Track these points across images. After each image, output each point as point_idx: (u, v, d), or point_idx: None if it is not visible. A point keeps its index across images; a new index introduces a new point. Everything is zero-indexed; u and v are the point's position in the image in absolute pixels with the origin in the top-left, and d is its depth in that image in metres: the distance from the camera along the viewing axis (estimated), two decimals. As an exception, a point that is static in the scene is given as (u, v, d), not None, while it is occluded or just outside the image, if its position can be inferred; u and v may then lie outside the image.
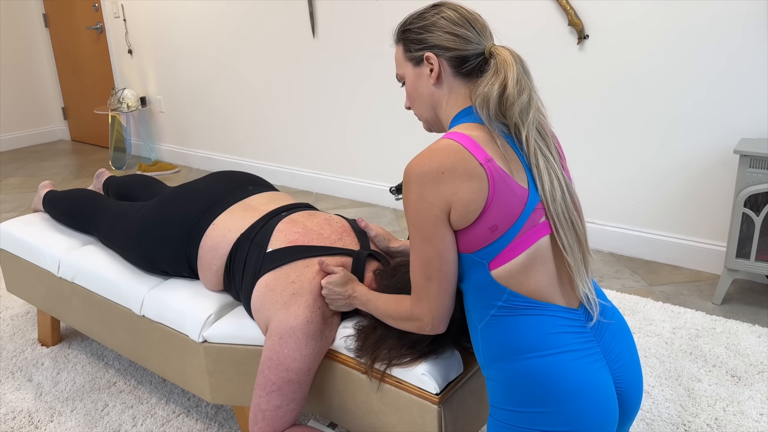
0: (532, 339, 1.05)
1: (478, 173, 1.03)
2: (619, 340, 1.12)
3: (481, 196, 1.03)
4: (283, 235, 1.49)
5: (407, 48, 1.18)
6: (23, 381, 2.04)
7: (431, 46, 1.14)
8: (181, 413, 1.85)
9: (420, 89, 1.18)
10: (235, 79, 4.10)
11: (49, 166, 4.78)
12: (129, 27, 4.65)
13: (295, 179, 4.01)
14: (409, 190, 1.06)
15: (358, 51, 3.42)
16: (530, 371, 1.04)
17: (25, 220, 2.18)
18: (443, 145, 1.06)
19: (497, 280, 1.06)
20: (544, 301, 1.07)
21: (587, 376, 1.04)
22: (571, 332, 1.06)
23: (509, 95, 1.06)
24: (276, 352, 1.34)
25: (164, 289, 1.67)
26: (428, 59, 1.14)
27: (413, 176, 1.06)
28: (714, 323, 2.21)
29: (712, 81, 2.41)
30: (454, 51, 1.13)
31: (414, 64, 1.18)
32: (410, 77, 1.19)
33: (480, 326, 1.11)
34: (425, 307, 1.12)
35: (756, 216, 2.19)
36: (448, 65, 1.14)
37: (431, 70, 1.15)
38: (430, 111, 1.20)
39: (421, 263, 1.09)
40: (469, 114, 1.13)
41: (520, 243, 1.05)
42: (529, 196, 1.06)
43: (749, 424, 1.71)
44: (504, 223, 1.04)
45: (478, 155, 1.04)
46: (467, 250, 1.07)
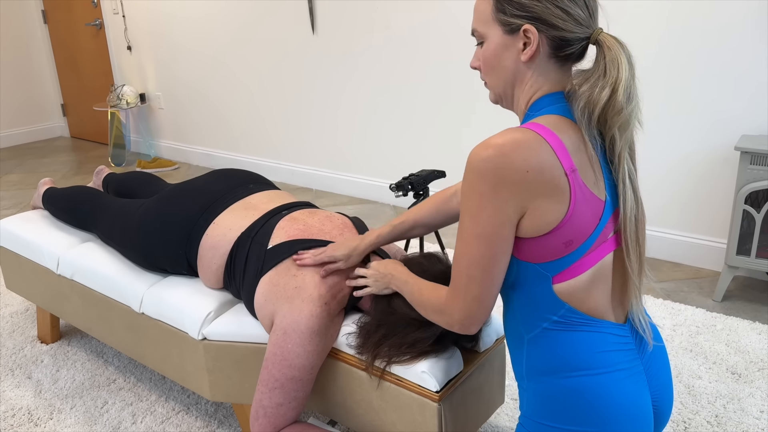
0: (585, 356, 0.98)
1: (562, 184, 0.92)
2: (657, 356, 1.08)
3: (560, 209, 0.92)
4: (283, 232, 1.49)
5: (500, 7, 0.97)
6: (23, 378, 2.03)
7: (534, 18, 0.95)
8: (180, 410, 1.85)
9: (504, 62, 1.00)
10: (235, 76, 4.09)
11: (49, 163, 4.78)
12: (128, 23, 4.64)
13: (294, 176, 4.00)
14: (481, 178, 0.91)
15: (358, 47, 3.41)
16: (579, 389, 0.98)
17: (24, 217, 2.17)
18: (530, 138, 0.91)
19: (558, 294, 0.97)
20: (598, 318, 1.00)
21: (632, 398, 0.99)
22: (620, 350, 1.00)
23: (616, 103, 0.92)
24: (280, 348, 1.34)
25: (163, 287, 1.67)
26: (526, 32, 0.96)
27: (491, 165, 0.90)
28: (714, 320, 2.21)
29: (712, 78, 2.41)
30: (560, 31, 0.95)
31: (505, 31, 0.98)
32: (494, 44, 1.00)
33: (528, 337, 1.03)
34: (459, 306, 1.01)
35: (756, 213, 2.18)
36: (548, 45, 0.96)
37: (525, 45, 0.97)
38: (507, 87, 1.03)
39: (469, 260, 0.96)
40: (556, 102, 0.99)
41: (588, 259, 0.97)
42: (604, 210, 0.97)
43: (749, 421, 1.71)
44: (578, 238, 0.94)
45: (565, 162, 0.92)
46: (533, 259, 0.96)
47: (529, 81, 1.00)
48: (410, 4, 3.14)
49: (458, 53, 3.07)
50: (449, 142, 3.25)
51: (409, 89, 3.30)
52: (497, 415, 1.77)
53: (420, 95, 3.27)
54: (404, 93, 3.33)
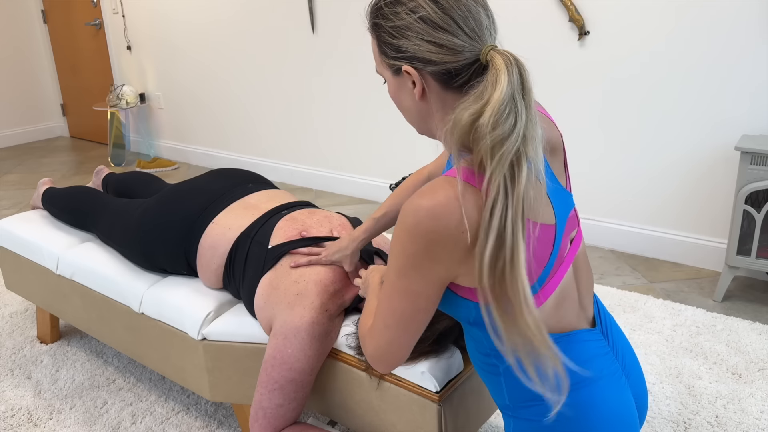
0: (567, 371, 0.93)
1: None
2: (627, 353, 1.05)
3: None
4: (282, 232, 1.49)
5: (382, 50, 0.92)
6: (22, 378, 2.03)
7: (408, 57, 0.88)
8: (180, 411, 1.84)
9: (404, 102, 0.95)
10: (234, 76, 4.09)
11: (48, 163, 4.77)
12: (128, 23, 4.63)
13: (294, 176, 4.00)
14: (412, 240, 0.84)
15: (358, 47, 3.40)
16: (569, 405, 0.93)
17: (24, 217, 2.17)
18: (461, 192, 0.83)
19: None
20: (571, 331, 0.96)
21: (619, 402, 0.96)
22: (599, 355, 0.97)
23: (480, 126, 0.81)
24: (280, 352, 1.33)
25: (163, 287, 1.66)
26: (407, 72, 0.89)
27: (422, 228, 0.83)
28: (714, 320, 2.21)
29: (713, 77, 2.40)
30: (438, 65, 0.87)
31: (393, 73, 0.93)
32: (391, 85, 0.96)
33: (503, 367, 0.97)
34: (372, 344, 0.97)
35: (757, 213, 2.18)
36: (433, 80, 0.89)
37: (413, 83, 0.91)
38: (420, 122, 0.97)
39: (387, 310, 0.92)
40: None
41: (549, 286, 0.91)
42: (556, 232, 0.91)
43: (750, 421, 1.71)
44: (533, 273, 0.88)
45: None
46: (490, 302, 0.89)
47: (436, 115, 0.93)
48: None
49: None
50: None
51: (409, 89, 3.29)
52: (497, 415, 1.76)
53: (420, 95, 3.27)
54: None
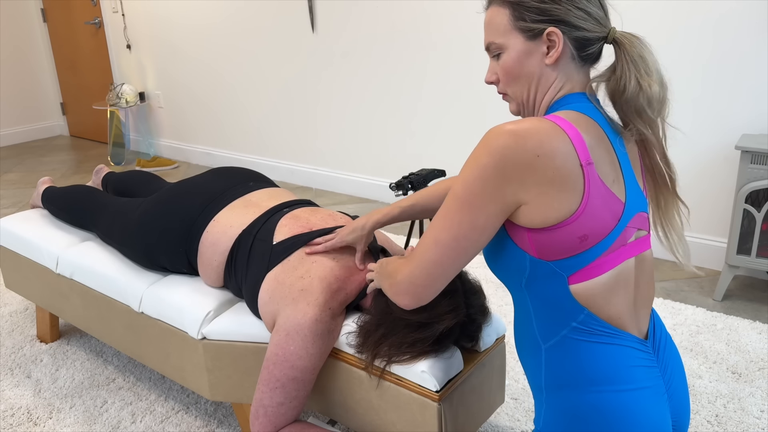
0: (609, 370, 0.94)
1: (575, 175, 0.89)
2: (677, 374, 1.05)
3: (572, 200, 0.89)
4: (286, 229, 1.49)
5: (519, 15, 0.97)
6: (22, 377, 2.03)
7: (557, 20, 0.95)
8: (180, 410, 1.84)
9: (528, 68, 0.99)
10: (234, 75, 4.09)
11: (48, 162, 4.77)
12: (127, 22, 4.63)
13: (294, 175, 4.00)
14: (488, 152, 0.88)
15: (358, 46, 3.40)
16: (603, 405, 0.93)
17: (23, 216, 2.17)
18: (547, 126, 0.89)
19: (576, 297, 0.93)
20: (621, 329, 0.96)
21: (655, 418, 0.95)
22: (644, 366, 0.97)
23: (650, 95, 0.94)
24: (282, 349, 1.33)
25: (163, 286, 1.66)
26: (550, 36, 0.95)
27: (500, 141, 0.88)
28: (714, 320, 2.21)
29: (713, 77, 2.40)
30: (582, 31, 0.95)
31: (527, 37, 0.97)
32: (516, 51, 0.98)
33: (546, 346, 0.98)
34: (409, 267, 0.99)
35: (757, 212, 2.18)
36: (571, 46, 0.97)
37: (548, 48, 0.96)
38: (531, 92, 1.01)
39: (444, 224, 0.93)
40: (578, 101, 0.98)
41: (607, 260, 0.93)
42: (624, 211, 0.94)
43: (750, 420, 1.71)
44: (595, 235, 0.91)
45: (582, 154, 0.90)
46: (547, 256, 0.92)
47: (554, 83, 0.99)
48: (412, 3, 3.13)
49: (459, 52, 3.06)
50: (449, 141, 3.25)
51: (410, 88, 3.29)
52: (497, 414, 1.76)
53: (420, 94, 3.27)
54: (404, 92, 3.32)
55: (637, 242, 0.98)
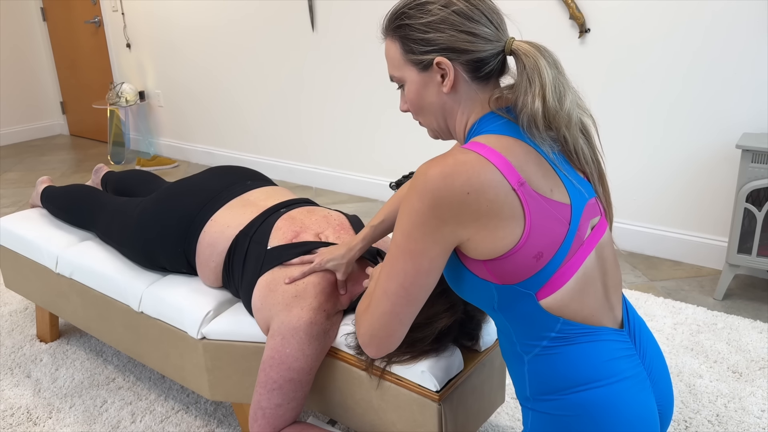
0: (590, 369, 0.95)
1: (510, 201, 0.89)
2: (656, 358, 1.05)
3: (515, 225, 0.89)
4: (281, 232, 1.48)
5: (408, 48, 0.98)
6: (22, 377, 2.03)
7: (442, 49, 0.95)
8: (180, 410, 1.84)
9: (428, 98, 1.00)
10: (234, 73, 4.08)
11: (48, 161, 4.77)
12: (127, 21, 4.62)
13: (293, 174, 3.99)
14: (419, 197, 0.89)
15: (358, 44, 3.40)
16: (587, 403, 0.94)
17: (23, 215, 2.16)
18: (471, 159, 0.89)
19: (548, 310, 0.93)
20: (597, 325, 0.96)
21: (640, 406, 0.96)
22: (624, 356, 0.97)
23: (549, 107, 0.92)
24: (278, 352, 1.33)
25: (162, 286, 1.66)
26: (439, 65, 0.96)
27: (430, 186, 0.88)
28: (715, 319, 2.21)
29: (714, 75, 2.40)
30: (471, 54, 0.94)
31: (419, 69, 0.98)
32: (413, 84, 1.00)
33: (527, 358, 0.98)
34: (366, 321, 0.99)
35: (758, 211, 2.18)
36: (463, 70, 0.96)
37: (443, 77, 0.97)
38: (440, 121, 1.02)
39: (389, 274, 0.94)
40: (491, 122, 0.97)
41: (569, 266, 0.93)
42: (573, 212, 0.94)
43: (750, 420, 1.71)
44: (549, 248, 0.91)
45: (511, 178, 0.89)
46: (508, 281, 0.92)
47: (459, 110, 1.00)
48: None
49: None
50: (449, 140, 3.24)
51: (409, 87, 3.29)
52: (497, 414, 1.76)
53: (420, 93, 3.26)
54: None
55: (593, 234, 0.98)
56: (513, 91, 0.97)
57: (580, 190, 0.98)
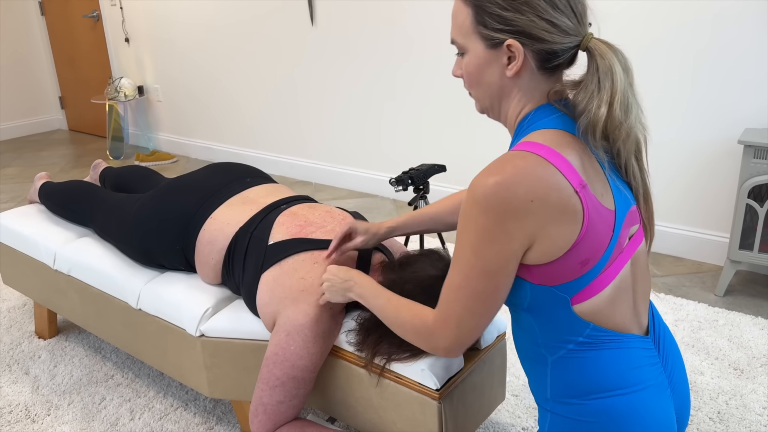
0: (615, 376, 0.93)
1: (573, 204, 0.85)
2: (677, 365, 1.04)
3: (573, 230, 0.86)
4: (284, 228, 1.47)
5: (480, 19, 0.90)
6: (20, 374, 2.02)
7: (518, 32, 0.88)
8: (179, 407, 1.83)
9: (488, 77, 0.94)
10: (233, 68, 4.06)
11: (47, 156, 4.75)
12: (126, 15, 4.60)
13: (294, 169, 3.98)
14: (483, 213, 0.85)
15: (358, 39, 3.38)
16: (610, 411, 0.93)
17: (21, 211, 2.15)
18: (533, 163, 0.85)
19: (581, 315, 0.92)
20: (625, 333, 0.95)
21: (660, 414, 0.95)
22: (648, 365, 0.96)
23: (614, 117, 0.87)
24: (282, 349, 1.32)
25: (161, 283, 1.65)
26: (510, 48, 0.90)
27: (493, 200, 0.84)
28: (716, 315, 2.20)
29: (716, 71, 2.38)
30: (546, 44, 0.89)
31: (487, 45, 0.92)
32: (476, 58, 0.94)
33: (551, 359, 0.97)
34: (450, 335, 0.96)
35: (760, 207, 2.17)
36: (532, 58, 0.91)
37: (509, 59, 0.91)
38: (494, 101, 0.98)
39: (469, 293, 0.91)
40: (548, 115, 0.93)
41: (607, 274, 0.91)
42: (616, 219, 0.91)
43: (752, 417, 1.70)
44: (595, 255, 0.89)
45: (573, 180, 0.86)
46: (547, 282, 0.90)
47: (517, 96, 0.95)
48: (410, -4, 3.11)
49: (459, 45, 3.04)
50: (450, 136, 3.23)
51: (410, 82, 3.27)
52: (498, 411, 1.75)
53: (420, 88, 3.25)
54: (404, 86, 3.30)
55: (631, 242, 0.96)
56: (577, 90, 0.92)
57: (625, 196, 0.95)
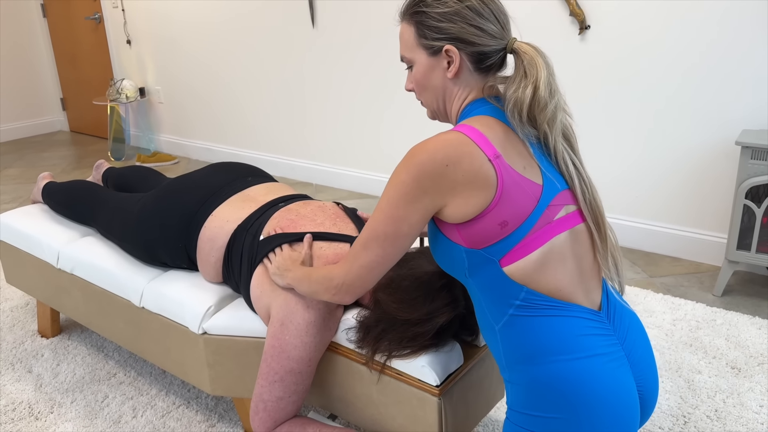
0: (558, 341, 1.00)
1: (485, 171, 0.99)
2: (639, 342, 1.09)
3: (486, 194, 0.99)
4: (275, 222, 1.50)
5: (422, 33, 1.08)
6: (23, 372, 2.04)
7: (452, 38, 1.05)
8: (181, 404, 1.85)
9: (433, 81, 1.11)
10: (234, 70, 4.08)
11: (48, 157, 4.77)
12: (127, 17, 4.62)
13: (294, 170, 4.00)
14: (405, 170, 1.01)
15: (358, 40, 3.39)
16: (557, 375, 1.00)
17: (24, 211, 2.17)
18: (453, 137, 1.01)
19: (512, 277, 1.01)
20: (566, 301, 1.03)
21: (615, 382, 1.00)
22: (597, 334, 1.02)
23: (540, 99, 1.01)
24: (278, 339, 1.34)
25: (163, 281, 1.66)
26: (448, 52, 1.06)
27: (415, 160, 1.00)
28: (714, 315, 2.21)
29: (713, 71, 2.40)
30: (477, 46, 1.05)
31: (429, 53, 1.09)
32: (422, 66, 1.11)
33: (498, 326, 1.06)
34: (344, 270, 1.12)
35: (757, 208, 2.18)
36: (467, 60, 1.07)
37: (449, 63, 1.08)
38: (440, 102, 1.13)
39: (371, 233, 1.06)
40: (481, 106, 1.08)
41: (533, 239, 1.01)
42: (543, 193, 1.02)
43: (749, 415, 1.71)
44: (514, 219, 0.99)
45: (488, 151, 1.00)
46: (475, 245, 1.02)
47: (458, 94, 1.11)
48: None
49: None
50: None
51: (410, 83, 3.28)
52: (497, 409, 1.77)
53: (420, 89, 3.26)
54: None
55: (566, 218, 1.05)
56: (508, 82, 1.06)
57: (555, 177, 1.05)
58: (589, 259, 1.07)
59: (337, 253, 1.43)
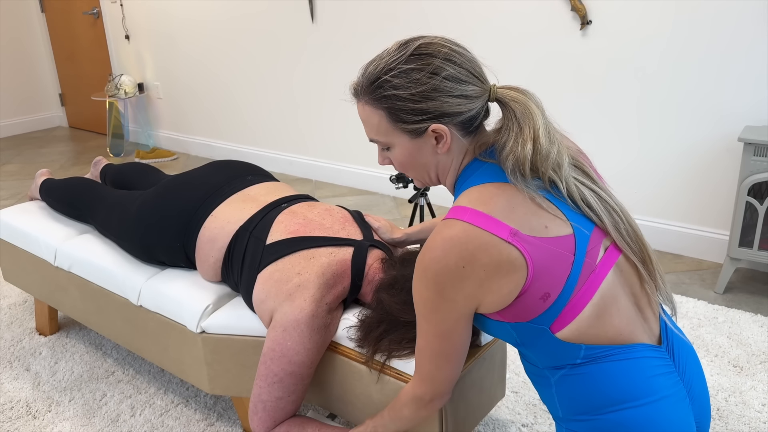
0: (626, 387, 0.92)
1: (507, 254, 0.89)
2: (696, 375, 1.02)
3: (518, 276, 0.90)
4: (283, 226, 1.47)
5: (397, 118, 0.96)
6: (21, 370, 2.03)
7: (437, 116, 0.94)
8: (179, 403, 1.84)
9: (421, 159, 1.01)
10: (233, 65, 4.06)
11: (47, 153, 4.75)
12: (126, 12, 4.60)
13: (293, 167, 3.98)
14: (425, 286, 0.93)
15: (358, 36, 3.38)
16: (627, 423, 0.92)
17: (21, 208, 2.16)
18: (457, 233, 0.90)
19: (567, 340, 0.93)
20: (628, 343, 0.94)
21: (681, 424, 0.94)
22: (662, 374, 0.95)
23: (541, 150, 0.91)
24: (279, 344, 1.32)
25: (162, 279, 1.65)
26: (435, 131, 0.96)
27: (429, 273, 0.91)
28: (716, 313, 2.20)
29: (716, 67, 2.38)
30: (464, 114, 0.95)
31: (412, 136, 0.98)
32: (405, 149, 1.00)
33: (554, 379, 0.99)
34: (430, 389, 1.05)
35: (760, 205, 2.17)
36: (457, 130, 0.97)
37: (437, 140, 0.97)
38: (432, 176, 1.04)
39: (431, 353, 1.00)
40: (476, 170, 0.99)
41: (580, 297, 0.92)
42: (577, 242, 0.92)
43: (751, 414, 1.71)
44: (555, 287, 0.90)
45: (500, 232, 0.89)
46: (521, 319, 0.93)
47: (452, 164, 1.02)
48: (411, -7, 3.11)
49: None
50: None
51: (410, 79, 3.27)
52: (498, 408, 1.76)
53: (420, 85, 3.24)
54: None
55: (606, 257, 0.96)
56: (498, 135, 0.97)
57: (578, 222, 0.96)
58: (638, 288, 0.99)
59: (345, 258, 1.41)
